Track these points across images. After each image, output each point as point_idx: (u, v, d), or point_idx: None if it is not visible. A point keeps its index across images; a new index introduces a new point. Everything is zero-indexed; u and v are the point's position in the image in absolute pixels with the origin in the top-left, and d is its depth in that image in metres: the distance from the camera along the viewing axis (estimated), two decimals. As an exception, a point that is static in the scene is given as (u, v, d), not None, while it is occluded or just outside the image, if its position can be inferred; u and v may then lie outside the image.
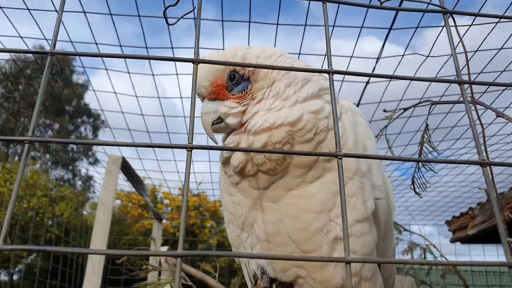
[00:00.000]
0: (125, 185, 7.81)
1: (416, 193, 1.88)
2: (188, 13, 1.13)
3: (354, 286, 1.20)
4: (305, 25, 3.92)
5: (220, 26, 3.99)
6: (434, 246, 5.90)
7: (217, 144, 1.30)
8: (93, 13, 4.01)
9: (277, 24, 3.88)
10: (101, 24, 4.46)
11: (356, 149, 1.26)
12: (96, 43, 4.27)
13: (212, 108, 1.29)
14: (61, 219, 10.58)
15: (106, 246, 4.63)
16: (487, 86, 3.87)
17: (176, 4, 1.14)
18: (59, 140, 0.81)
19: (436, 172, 1.96)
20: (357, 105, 4.86)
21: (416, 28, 3.78)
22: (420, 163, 1.83)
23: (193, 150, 0.73)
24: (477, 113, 1.72)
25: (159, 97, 5.26)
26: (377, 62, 4.03)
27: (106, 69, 4.71)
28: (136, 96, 5.16)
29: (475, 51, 3.85)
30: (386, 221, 1.33)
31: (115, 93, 5.12)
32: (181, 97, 5.02)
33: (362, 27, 3.85)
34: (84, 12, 3.92)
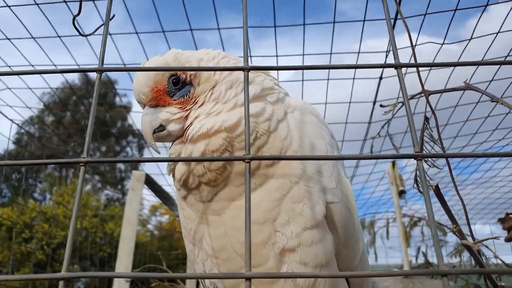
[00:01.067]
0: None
1: (420, 192, 1.80)
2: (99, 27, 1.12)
3: None
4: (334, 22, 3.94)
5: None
6: (486, 246, 5.62)
7: (159, 153, 1.30)
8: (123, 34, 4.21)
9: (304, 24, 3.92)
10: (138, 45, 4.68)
11: (302, 151, 1.17)
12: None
13: (152, 115, 1.22)
14: (111, 237, 10.94)
15: (131, 261, 4.72)
16: None
17: (78, 14, 1.14)
18: (111, 159, 0.83)
19: (440, 169, 1.81)
20: (374, 102, 4.77)
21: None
22: (423, 159, 1.76)
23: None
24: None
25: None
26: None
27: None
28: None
29: None
30: (345, 226, 1.20)
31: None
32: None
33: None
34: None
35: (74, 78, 15.05)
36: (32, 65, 4.83)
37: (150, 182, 5.39)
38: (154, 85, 1.23)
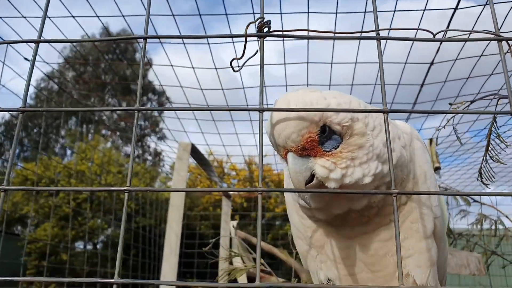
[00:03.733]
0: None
1: (483, 183, 1.82)
2: (250, 57, 1.05)
3: None
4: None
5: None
6: (507, 217, 5.54)
7: (310, 206, 1.25)
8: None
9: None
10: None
11: (417, 179, 1.37)
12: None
13: (302, 165, 1.17)
14: (135, 194, 11.15)
15: (181, 227, 4.80)
16: None
17: (241, 57, 1.06)
18: (165, 108, 0.96)
19: (505, 164, 1.87)
20: (421, 85, 4.54)
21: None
22: (488, 156, 1.77)
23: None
24: None
25: (216, 68, 5.28)
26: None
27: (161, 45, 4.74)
28: (193, 68, 5.20)
29: None
30: (440, 234, 1.44)
31: (171, 66, 5.21)
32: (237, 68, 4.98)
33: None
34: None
35: (94, 31, 14.86)
36: (49, 17, 4.68)
37: (194, 151, 5.43)
38: (307, 134, 1.15)
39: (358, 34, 0.98)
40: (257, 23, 0.89)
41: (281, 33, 0.91)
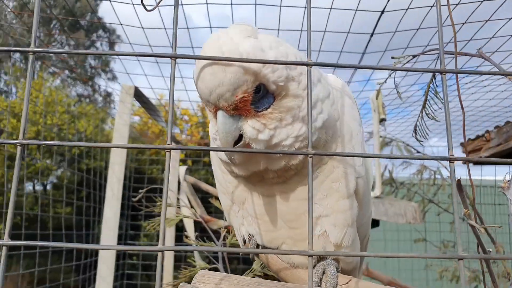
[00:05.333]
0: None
1: (417, 140, 1.86)
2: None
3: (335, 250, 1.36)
4: None
5: None
6: (445, 167, 5.90)
7: (235, 162, 1.24)
8: None
9: None
10: None
11: (344, 138, 1.34)
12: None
13: (232, 125, 1.13)
14: (84, 135, 10.84)
15: (123, 170, 4.74)
16: None
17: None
18: (63, 51, 0.94)
19: (439, 122, 1.86)
20: (371, 34, 4.50)
21: None
22: (424, 112, 1.80)
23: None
24: None
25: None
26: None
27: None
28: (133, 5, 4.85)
29: None
30: (364, 193, 1.42)
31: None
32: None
33: None
34: None
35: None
36: None
37: (138, 95, 5.20)
38: (242, 94, 1.09)
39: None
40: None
41: (325, 63, 0.87)
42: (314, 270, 1.34)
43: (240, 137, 1.16)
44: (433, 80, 1.87)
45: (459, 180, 1.36)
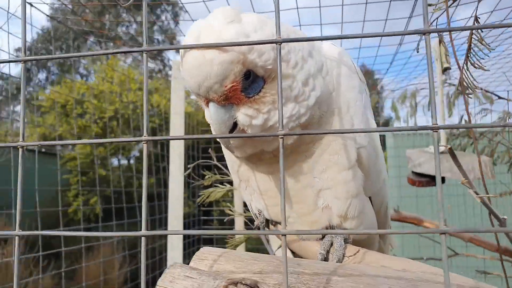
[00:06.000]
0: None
1: (466, 95, 1.70)
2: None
3: (340, 223, 1.37)
4: None
5: None
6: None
7: (233, 152, 1.27)
8: None
9: None
10: None
11: (341, 109, 1.31)
12: None
13: (225, 114, 1.12)
14: (157, 109, 11.34)
15: (183, 146, 4.83)
16: None
17: None
18: (53, 56, 0.90)
19: (488, 70, 1.73)
20: None
21: None
22: (468, 63, 1.62)
23: None
24: None
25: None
26: None
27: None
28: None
29: None
30: (370, 163, 1.39)
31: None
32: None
33: None
34: None
35: None
36: None
37: None
38: (230, 83, 1.06)
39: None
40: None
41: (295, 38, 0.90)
42: (322, 242, 1.37)
43: (235, 123, 1.15)
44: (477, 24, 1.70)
45: (451, 148, 1.25)
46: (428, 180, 3.45)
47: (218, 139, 1.23)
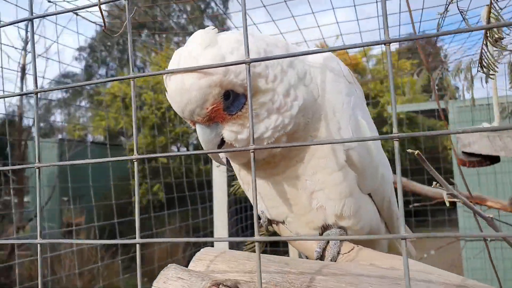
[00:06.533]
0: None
1: (486, 74, 1.58)
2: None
3: (336, 222, 1.41)
4: None
5: None
6: None
7: (225, 165, 1.37)
8: None
9: None
10: None
11: (327, 115, 1.32)
12: None
13: (211, 132, 1.19)
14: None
15: None
16: None
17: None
18: (61, 87, 0.94)
19: (509, 50, 1.55)
20: None
21: None
22: (488, 42, 1.53)
23: None
24: None
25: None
26: None
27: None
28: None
29: None
30: (362, 162, 1.40)
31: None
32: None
33: None
34: None
35: None
36: None
37: None
38: (211, 106, 1.13)
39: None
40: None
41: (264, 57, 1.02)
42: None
43: (223, 140, 1.22)
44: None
45: (419, 153, 1.20)
46: (479, 159, 3.28)
47: (215, 159, 1.33)
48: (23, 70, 8.97)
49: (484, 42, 1.53)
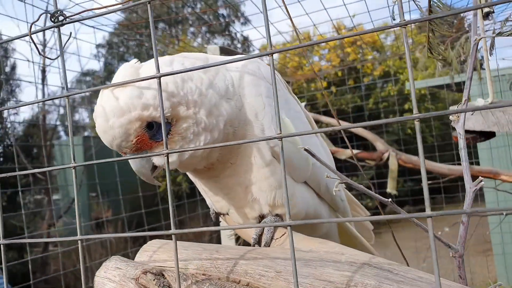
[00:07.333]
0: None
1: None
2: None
3: (270, 211, 1.54)
4: None
5: None
6: None
7: (160, 185, 1.48)
8: None
9: None
10: None
11: (250, 118, 1.43)
12: None
13: (142, 160, 1.29)
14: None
15: None
16: None
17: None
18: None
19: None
20: None
21: None
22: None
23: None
24: None
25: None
26: None
27: None
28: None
29: None
30: (290, 156, 1.48)
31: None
32: None
33: None
34: None
35: None
36: None
37: (225, 52, 5.41)
38: (135, 138, 1.23)
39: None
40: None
41: (174, 71, 0.98)
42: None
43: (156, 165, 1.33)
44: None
45: (306, 149, 1.24)
46: (474, 136, 3.19)
47: (149, 180, 1.41)
48: (43, 72, 9.16)
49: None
